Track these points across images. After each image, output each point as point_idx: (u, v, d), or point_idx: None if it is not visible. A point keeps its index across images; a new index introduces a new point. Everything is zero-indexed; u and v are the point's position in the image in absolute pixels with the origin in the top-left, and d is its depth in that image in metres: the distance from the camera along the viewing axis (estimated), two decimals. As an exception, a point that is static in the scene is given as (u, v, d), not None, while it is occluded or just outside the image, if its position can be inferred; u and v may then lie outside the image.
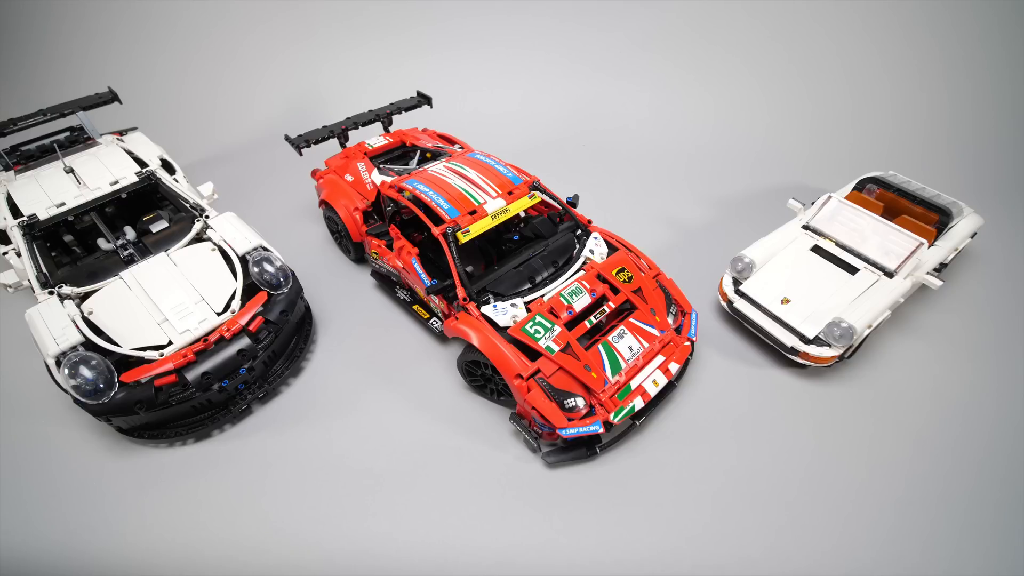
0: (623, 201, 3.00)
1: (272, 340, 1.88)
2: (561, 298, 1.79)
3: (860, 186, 2.52)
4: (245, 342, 1.81)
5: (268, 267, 1.97)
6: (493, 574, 1.50)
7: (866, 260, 2.10)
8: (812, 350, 1.87)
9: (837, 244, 2.18)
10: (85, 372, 1.60)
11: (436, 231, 1.84)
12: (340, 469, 1.75)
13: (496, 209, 1.92)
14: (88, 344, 1.70)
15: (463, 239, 1.82)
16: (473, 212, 1.89)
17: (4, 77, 4.05)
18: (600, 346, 1.74)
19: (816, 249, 2.19)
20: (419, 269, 1.99)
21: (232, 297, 1.91)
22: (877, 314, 1.92)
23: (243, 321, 1.83)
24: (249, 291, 1.97)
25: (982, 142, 3.25)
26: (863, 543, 1.55)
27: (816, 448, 1.79)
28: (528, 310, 1.76)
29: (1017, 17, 3.28)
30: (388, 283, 2.31)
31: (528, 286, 1.89)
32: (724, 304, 2.15)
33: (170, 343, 1.76)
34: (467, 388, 1.97)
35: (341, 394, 1.99)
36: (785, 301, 2.01)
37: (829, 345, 1.87)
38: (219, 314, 1.85)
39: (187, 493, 1.69)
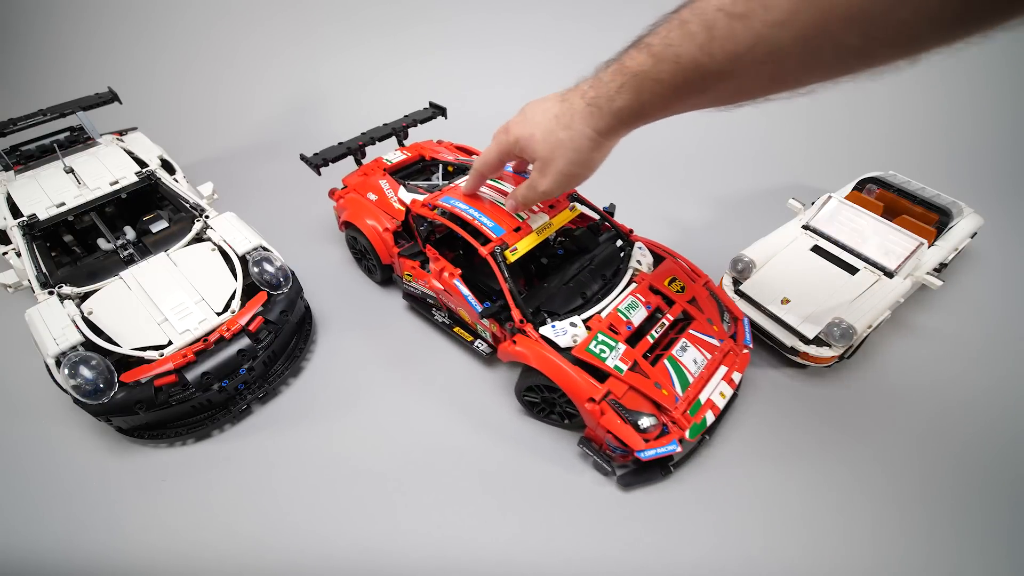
0: (623, 201, 2.98)
1: (272, 340, 1.88)
2: (619, 313, 1.72)
3: (860, 186, 2.52)
4: (245, 342, 1.81)
5: (268, 267, 1.97)
6: (492, 572, 1.50)
7: (866, 260, 2.10)
8: (812, 350, 1.87)
9: (837, 244, 2.18)
10: (85, 372, 1.60)
11: (483, 251, 1.73)
12: (340, 469, 1.75)
13: (541, 224, 1.81)
14: (88, 344, 1.70)
15: (512, 258, 1.72)
16: (518, 229, 1.77)
17: (4, 77, 4.06)
18: (666, 361, 1.68)
19: (816, 249, 2.19)
20: (465, 291, 1.89)
21: (232, 297, 1.91)
22: (877, 314, 1.92)
23: (243, 321, 1.83)
24: (249, 291, 1.97)
25: (982, 142, 3.25)
26: (863, 543, 1.55)
27: (816, 448, 1.79)
28: (588, 328, 1.68)
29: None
30: (423, 305, 2.19)
31: (580, 302, 1.80)
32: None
33: (170, 343, 1.76)
34: (524, 413, 1.90)
35: (341, 394, 1.99)
36: (785, 301, 2.01)
37: (829, 345, 1.87)
38: (219, 314, 1.85)
39: (187, 493, 1.70)
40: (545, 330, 1.67)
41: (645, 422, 1.54)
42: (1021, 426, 1.85)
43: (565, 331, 1.66)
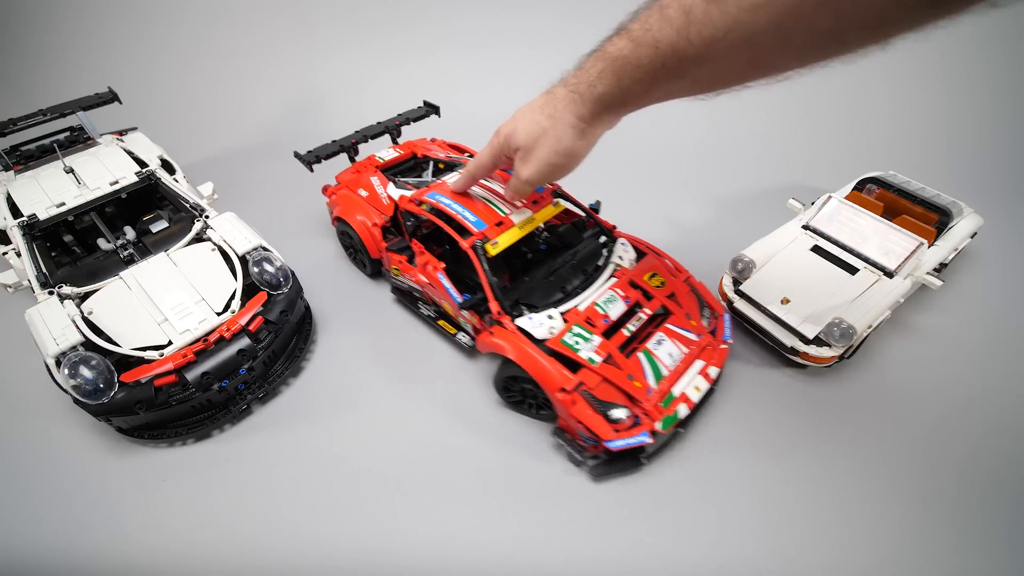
0: (622, 200, 2.99)
1: (272, 340, 1.88)
2: (596, 307, 1.76)
3: (860, 186, 2.52)
4: (245, 342, 1.81)
5: (268, 267, 1.97)
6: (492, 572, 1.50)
7: (866, 260, 2.10)
8: (812, 350, 1.87)
9: (837, 244, 2.18)
10: (85, 372, 1.60)
11: (464, 244, 1.78)
12: (340, 469, 1.75)
13: (523, 219, 1.86)
14: (88, 344, 1.70)
15: (492, 251, 1.77)
16: (500, 223, 1.83)
17: (4, 77, 4.06)
18: (640, 354, 1.70)
19: (816, 249, 2.19)
20: (447, 284, 1.93)
21: (232, 297, 1.91)
22: (877, 314, 1.92)
23: (243, 321, 1.83)
24: (249, 291, 1.97)
25: (982, 142, 3.25)
26: (863, 543, 1.55)
27: (816, 447, 1.79)
28: (564, 321, 1.72)
29: (1016, 16, 3.28)
30: (410, 299, 2.25)
31: (560, 296, 1.84)
32: (724, 304, 2.14)
33: (170, 343, 1.76)
34: (503, 405, 1.92)
35: (341, 394, 1.99)
36: (785, 301, 2.01)
37: (829, 345, 1.87)
38: (219, 314, 1.85)
39: (188, 493, 1.70)
40: (522, 322, 1.71)
41: (616, 413, 1.57)
42: (1021, 426, 1.85)
43: (542, 323, 1.69)
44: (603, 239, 2.09)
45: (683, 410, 1.63)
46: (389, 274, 2.32)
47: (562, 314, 1.74)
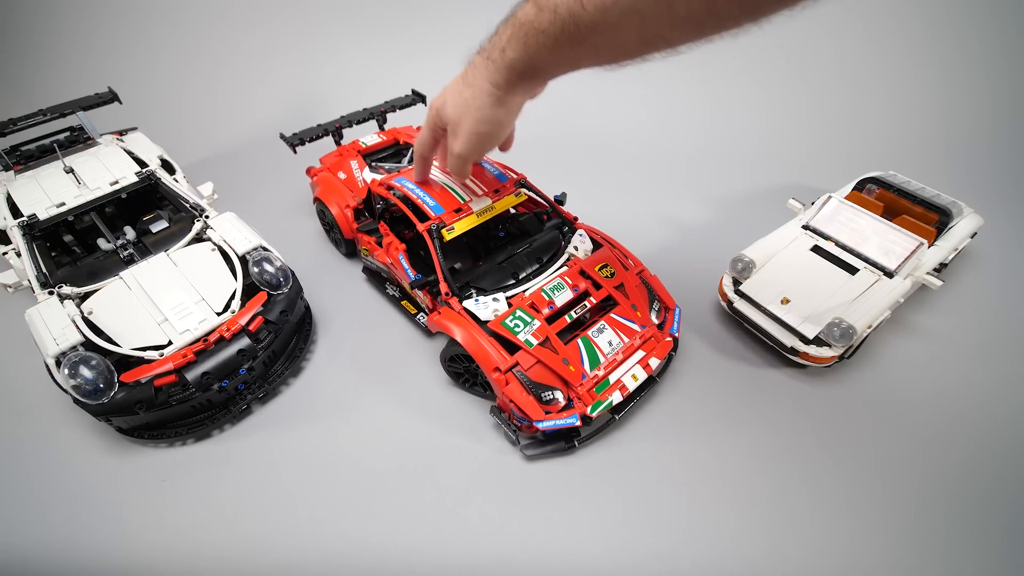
0: (622, 201, 3.00)
1: (272, 340, 1.88)
2: (542, 293, 1.82)
3: (860, 186, 2.52)
4: (245, 342, 1.81)
5: (268, 267, 1.97)
6: (495, 571, 1.51)
7: (866, 260, 2.10)
8: (812, 350, 1.87)
9: (837, 244, 2.18)
10: (85, 372, 1.60)
11: (421, 227, 1.87)
12: (340, 469, 1.75)
13: (482, 207, 1.93)
14: (88, 344, 1.70)
15: (448, 236, 1.85)
16: (459, 210, 1.91)
17: (4, 77, 4.06)
18: (579, 340, 1.75)
19: (816, 249, 2.19)
20: (405, 264, 2.01)
21: (232, 297, 1.91)
22: (877, 314, 1.92)
23: (243, 321, 1.83)
24: (249, 291, 1.97)
25: (981, 142, 3.25)
26: (863, 543, 1.55)
27: (816, 447, 1.79)
28: (509, 305, 1.78)
29: (1015, 16, 3.28)
30: (378, 279, 2.35)
31: (511, 282, 1.92)
32: (724, 304, 2.15)
33: (170, 343, 1.76)
34: (451, 384, 1.98)
35: (341, 394, 1.99)
36: (785, 301, 2.01)
37: (829, 345, 1.87)
38: (219, 314, 1.85)
39: (188, 493, 1.70)
40: (468, 303, 1.78)
41: (548, 395, 1.62)
42: (1021, 426, 1.85)
43: (487, 305, 1.76)
44: (566, 229, 2.15)
45: (616, 397, 1.67)
46: (361, 254, 2.43)
47: (508, 298, 1.80)
